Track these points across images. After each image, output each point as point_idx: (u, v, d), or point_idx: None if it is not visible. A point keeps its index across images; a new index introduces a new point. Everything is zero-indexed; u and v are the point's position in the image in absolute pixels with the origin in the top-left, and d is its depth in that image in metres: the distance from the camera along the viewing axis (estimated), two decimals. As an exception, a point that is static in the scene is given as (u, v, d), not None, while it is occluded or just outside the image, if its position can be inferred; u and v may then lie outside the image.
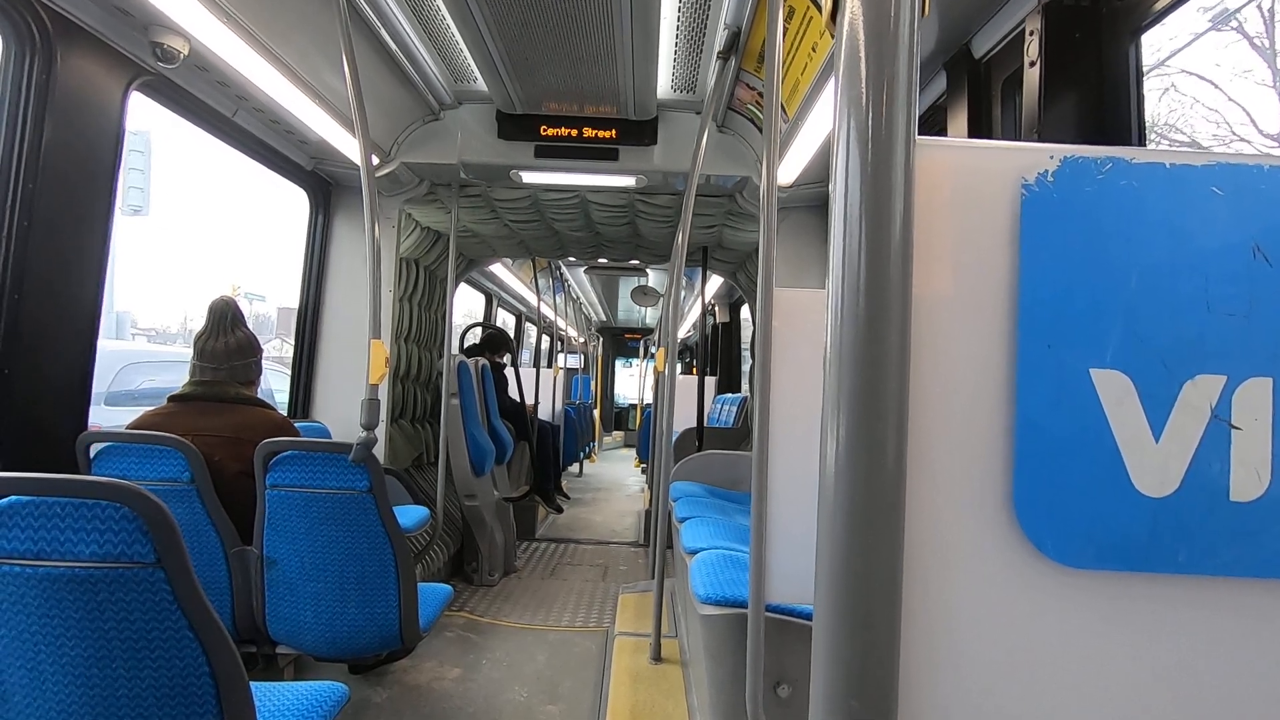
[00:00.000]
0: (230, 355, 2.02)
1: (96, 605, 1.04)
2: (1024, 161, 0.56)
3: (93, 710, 1.08)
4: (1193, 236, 0.55)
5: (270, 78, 2.26)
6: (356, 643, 1.99)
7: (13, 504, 1.03)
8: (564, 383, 7.22)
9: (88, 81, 1.90)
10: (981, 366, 0.56)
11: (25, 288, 1.78)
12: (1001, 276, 0.56)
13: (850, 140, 0.50)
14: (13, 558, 1.03)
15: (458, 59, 2.76)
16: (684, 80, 2.89)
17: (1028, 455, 0.55)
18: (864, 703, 0.49)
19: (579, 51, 2.50)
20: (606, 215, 3.91)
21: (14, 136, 1.76)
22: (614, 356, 14.76)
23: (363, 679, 2.56)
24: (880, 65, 0.50)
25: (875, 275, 0.49)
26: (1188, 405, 0.55)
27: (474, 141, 3.13)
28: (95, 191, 1.95)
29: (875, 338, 0.49)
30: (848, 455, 0.49)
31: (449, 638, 3.03)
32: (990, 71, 1.93)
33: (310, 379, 3.41)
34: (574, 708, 2.47)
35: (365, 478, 1.89)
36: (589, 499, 6.93)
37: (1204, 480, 0.55)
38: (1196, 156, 0.55)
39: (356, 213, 3.40)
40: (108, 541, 1.03)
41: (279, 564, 1.94)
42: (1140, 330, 0.55)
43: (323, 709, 1.39)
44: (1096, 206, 0.56)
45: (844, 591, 0.49)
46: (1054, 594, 0.56)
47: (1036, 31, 1.64)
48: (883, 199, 0.49)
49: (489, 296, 6.74)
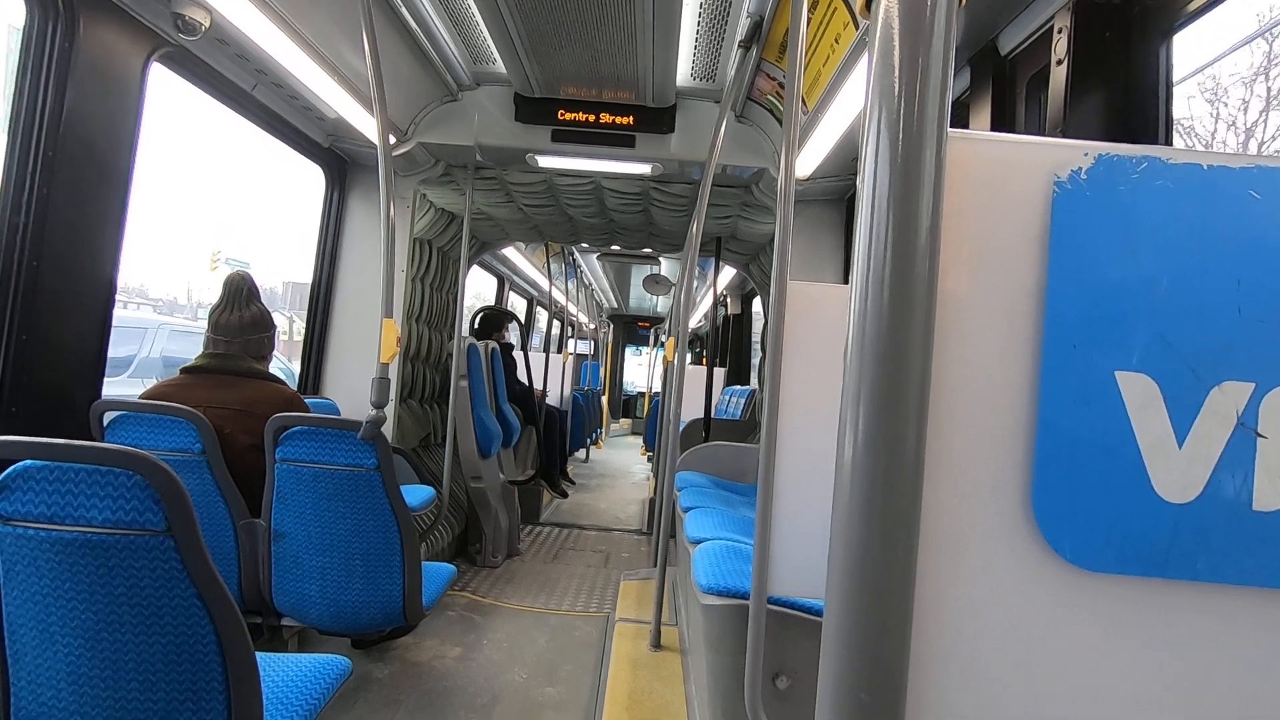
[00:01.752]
0: (244, 329, 2.03)
1: (107, 570, 1.06)
2: (1057, 158, 0.55)
3: (101, 672, 1.10)
4: (1226, 240, 0.54)
5: (290, 53, 2.25)
6: (360, 618, 2.01)
7: (28, 468, 1.04)
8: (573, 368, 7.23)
9: (109, 51, 1.90)
10: (1005, 365, 0.55)
11: (44, 255, 1.79)
12: (1029, 274, 0.55)
13: (881, 130, 0.49)
14: (27, 520, 1.05)
15: (477, 40, 2.74)
16: (704, 68, 2.87)
17: (1048, 456, 0.54)
18: (873, 696, 0.49)
19: (599, 35, 2.48)
20: (621, 202, 3.89)
21: (35, 104, 1.77)
22: (624, 344, 14.76)
23: (365, 654, 2.58)
24: (914, 55, 0.49)
25: (901, 268, 0.48)
26: (1213, 411, 0.54)
27: (491, 124, 3.12)
28: (114, 162, 1.96)
29: (898, 332, 0.48)
30: (866, 449, 0.49)
31: (451, 617, 3.06)
32: (1016, 68, 1.90)
33: (321, 355, 3.42)
34: (573, 691, 2.49)
35: (373, 455, 1.90)
36: (594, 485, 6.96)
37: (1227, 488, 0.54)
38: (1234, 158, 0.54)
39: (372, 191, 3.40)
40: (120, 508, 1.04)
41: (286, 537, 1.96)
42: (1168, 334, 0.54)
43: (325, 681, 1.41)
44: (1129, 206, 0.55)
45: (857, 584, 0.49)
46: (1069, 597, 0.55)
47: (1065, 29, 1.61)
48: (912, 191, 0.48)
49: (501, 279, 6.74)
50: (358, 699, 2.30)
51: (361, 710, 2.24)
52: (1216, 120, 7.54)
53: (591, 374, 9.71)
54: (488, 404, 3.94)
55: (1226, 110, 7.37)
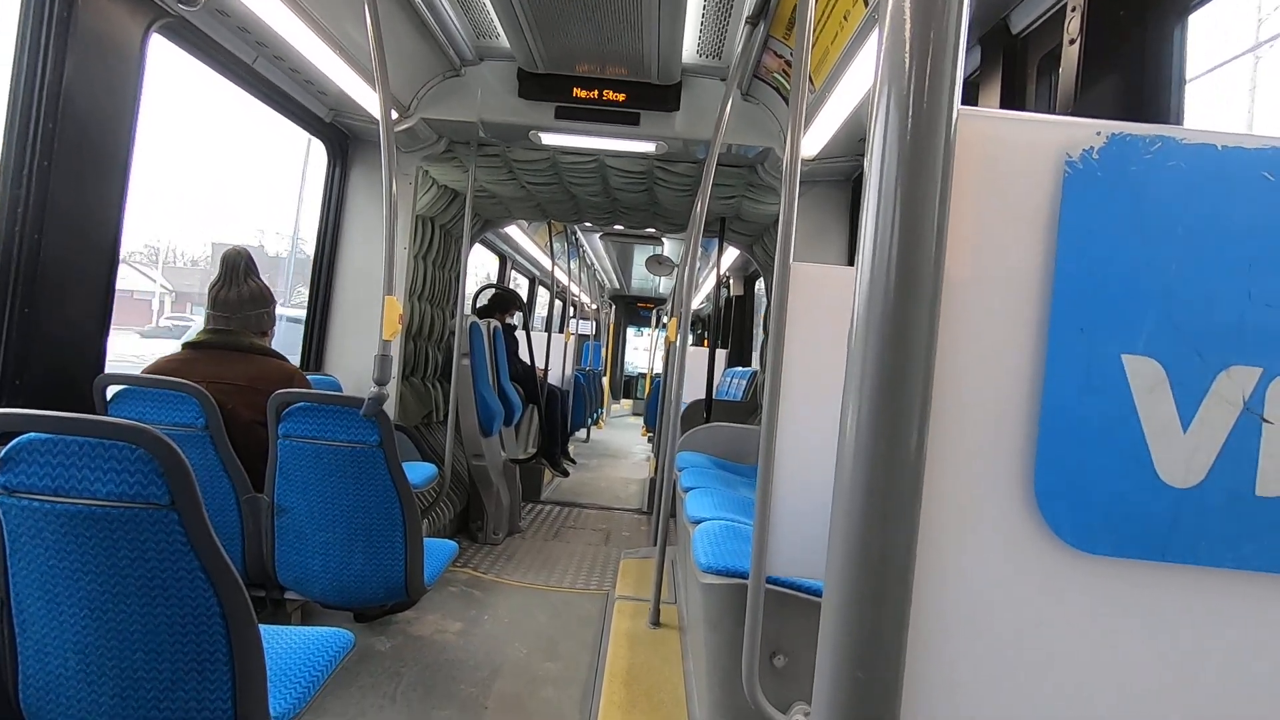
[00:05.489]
0: (243, 305, 2.03)
1: (112, 543, 1.07)
2: (1069, 137, 0.54)
3: (107, 644, 1.11)
4: (1238, 222, 0.53)
5: (291, 25, 2.22)
6: (362, 592, 2.03)
7: (32, 440, 1.05)
8: (575, 348, 7.23)
9: (108, 21, 1.88)
10: (1010, 346, 0.55)
11: (45, 228, 1.78)
12: (1037, 255, 0.55)
13: (890, 108, 0.49)
14: (31, 493, 1.05)
15: (481, 14, 2.70)
16: (710, 45, 2.83)
17: (1051, 438, 0.54)
18: (871, 674, 0.49)
19: (604, 10, 2.44)
20: (625, 181, 3.86)
21: (34, 76, 1.75)
22: (625, 324, 14.74)
23: (368, 628, 2.61)
24: (926, 30, 0.48)
25: (908, 248, 0.48)
26: (1219, 396, 0.53)
27: (494, 100, 3.08)
28: (115, 133, 1.94)
29: (904, 313, 0.48)
30: (869, 430, 0.49)
31: (452, 593, 3.09)
32: (1027, 48, 1.87)
33: (324, 332, 3.42)
34: (572, 666, 2.52)
35: (376, 432, 1.90)
36: (595, 464, 6.99)
37: (1230, 473, 0.54)
38: (1249, 139, 0.53)
39: (374, 167, 3.37)
40: (123, 481, 1.04)
41: (289, 512, 1.97)
42: (1177, 317, 0.53)
43: (328, 653, 1.43)
44: (1141, 187, 0.54)
45: (857, 563, 0.49)
46: (1069, 579, 0.55)
47: (1079, 8, 1.58)
48: (921, 170, 0.48)
49: (503, 258, 6.72)
50: (360, 671, 2.33)
51: (364, 682, 2.27)
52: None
53: (593, 354, 9.71)
54: (489, 382, 3.94)
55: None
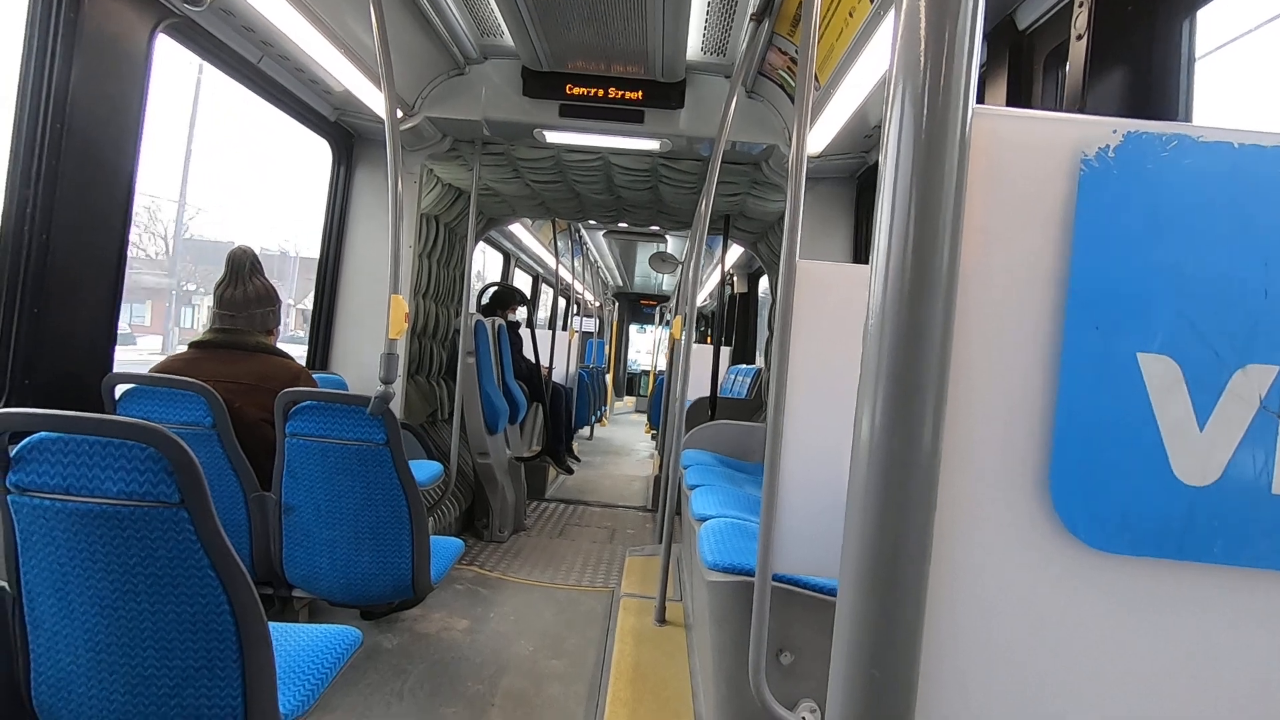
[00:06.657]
0: (249, 303, 2.04)
1: (122, 541, 1.07)
2: (1085, 135, 0.54)
3: (119, 640, 1.12)
4: (1255, 220, 0.53)
5: (296, 24, 2.22)
6: (369, 590, 2.03)
7: (43, 439, 1.05)
8: (578, 346, 7.23)
9: (114, 22, 1.88)
10: (1025, 345, 0.55)
11: (53, 229, 1.78)
12: (1052, 253, 0.54)
13: (904, 105, 0.48)
14: (42, 491, 1.06)
15: (484, 12, 2.70)
16: (714, 42, 2.82)
17: (1066, 436, 0.54)
18: (886, 672, 0.49)
19: (608, 8, 2.44)
20: (629, 179, 3.86)
21: (41, 77, 1.75)
22: (629, 322, 14.74)
23: (374, 625, 2.62)
24: (940, 27, 0.48)
25: (923, 246, 0.48)
26: (1236, 395, 0.53)
27: (498, 98, 3.08)
28: (121, 134, 1.95)
29: (919, 310, 0.48)
30: (884, 427, 0.49)
31: (458, 590, 3.10)
32: (1034, 44, 1.86)
33: (329, 331, 3.43)
34: (578, 663, 2.53)
35: (382, 431, 1.91)
36: (599, 462, 6.99)
37: (1246, 472, 0.53)
38: (1266, 137, 0.53)
39: (379, 166, 3.37)
40: (134, 480, 1.05)
41: (296, 510, 1.98)
42: (1193, 315, 0.53)
43: (336, 650, 1.43)
44: (1157, 185, 0.53)
45: (872, 561, 0.49)
46: (1084, 577, 0.55)
47: (1086, 3, 1.58)
48: (936, 168, 0.48)
49: (507, 256, 6.72)
50: (368, 668, 2.33)
51: (372, 679, 2.28)
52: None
53: (597, 352, 9.72)
54: (494, 380, 3.95)
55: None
